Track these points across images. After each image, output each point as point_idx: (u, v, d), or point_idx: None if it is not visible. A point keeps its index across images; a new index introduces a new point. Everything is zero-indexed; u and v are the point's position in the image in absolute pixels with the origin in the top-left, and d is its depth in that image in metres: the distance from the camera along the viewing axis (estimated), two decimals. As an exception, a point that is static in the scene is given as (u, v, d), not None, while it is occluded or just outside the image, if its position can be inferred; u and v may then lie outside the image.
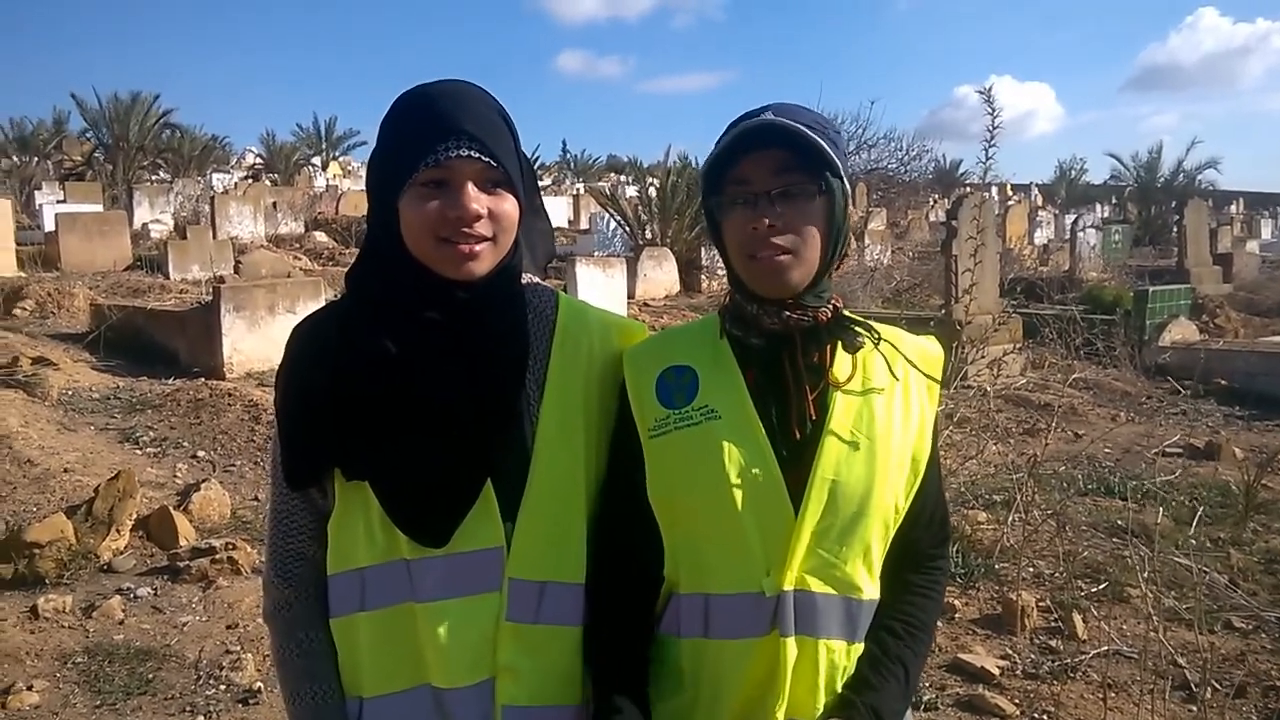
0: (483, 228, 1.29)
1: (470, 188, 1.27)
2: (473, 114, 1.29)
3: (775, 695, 1.30)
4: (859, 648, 1.36)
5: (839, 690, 1.34)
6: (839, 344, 1.38)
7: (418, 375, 1.31)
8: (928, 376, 1.42)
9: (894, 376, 1.39)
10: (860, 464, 1.33)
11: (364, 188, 1.41)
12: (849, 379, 1.37)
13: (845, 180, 1.35)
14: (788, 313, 1.35)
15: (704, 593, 1.35)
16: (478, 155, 1.26)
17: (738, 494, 1.31)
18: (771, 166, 1.31)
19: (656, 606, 1.42)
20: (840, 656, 1.34)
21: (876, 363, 1.40)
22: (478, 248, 1.29)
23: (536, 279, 1.51)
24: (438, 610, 1.31)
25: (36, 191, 22.77)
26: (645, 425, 1.38)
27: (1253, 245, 23.90)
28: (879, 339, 1.41)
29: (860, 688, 1.34)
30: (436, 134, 1.26)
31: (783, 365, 1.36)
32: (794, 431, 1.34)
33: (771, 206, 1.30)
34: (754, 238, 1.31)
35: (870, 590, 1.36)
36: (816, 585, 1.31)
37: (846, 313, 1.42)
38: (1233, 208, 39.80)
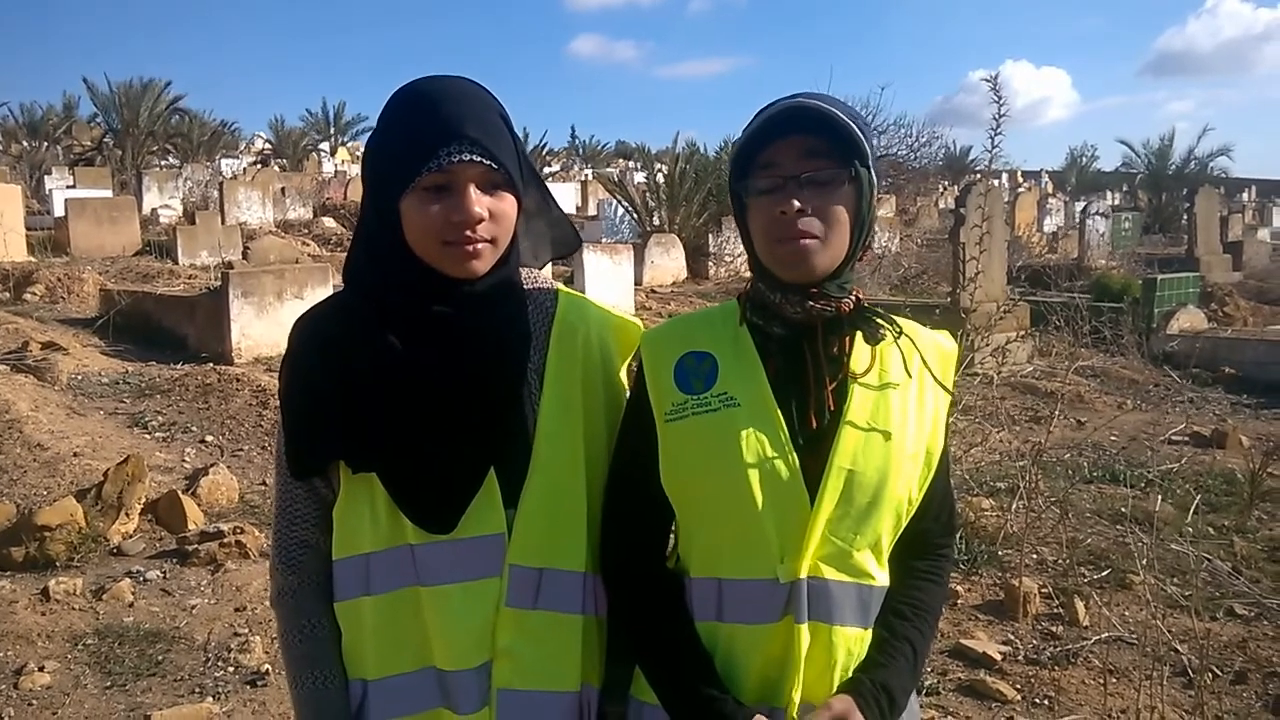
0: (484, 230, 1.30)
1: (472, 191, 1.28)
2: (474, 116, 1.30)
3: (789, 680, 1.31)
4: (870, 633, 1.37)
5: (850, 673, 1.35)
6: (859, 335, 1.38)
7: (424, 369, 1.33)
8: (940, 385, 1.42)
9: (908, 374, 1.39)
10: (876, 455, 1.33)
11: (360, 177, 1.42)
12: (867, 370, 1.37)
13: (873, 171, 1.34)
14: (811, 301, 1.34)
15: (717, 577, 1.35)
16: (479, 159, 1.28)
17: (755, 482, 1.30)
18: (801, 151, 1.30)
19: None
20: (853, 643, 1.35)
21: (894, 355, 1.39)
22: (480, 247, 1.31)
23: (536, 273, 1.52)
24: (441, 594, 1.34)
25: (46, 177, 22.85)
26: (661, 409, 1.38)
27: (1263, 233, 23.74)
28: (900, 333, 1.40)
29: (868, 667, 1.35)
30: (439, 137, 1.27)
31: (803, 354, 1.36)
32: (811, 421, 1.34)
33: (800, 191, 1.29)
34: (781, 222, 1.30)
35: (881, 577, 1.37)
36: (830, 573, 1.32)
37: (867, 304, 1.42)
38: (1244, 195, 39.45)
